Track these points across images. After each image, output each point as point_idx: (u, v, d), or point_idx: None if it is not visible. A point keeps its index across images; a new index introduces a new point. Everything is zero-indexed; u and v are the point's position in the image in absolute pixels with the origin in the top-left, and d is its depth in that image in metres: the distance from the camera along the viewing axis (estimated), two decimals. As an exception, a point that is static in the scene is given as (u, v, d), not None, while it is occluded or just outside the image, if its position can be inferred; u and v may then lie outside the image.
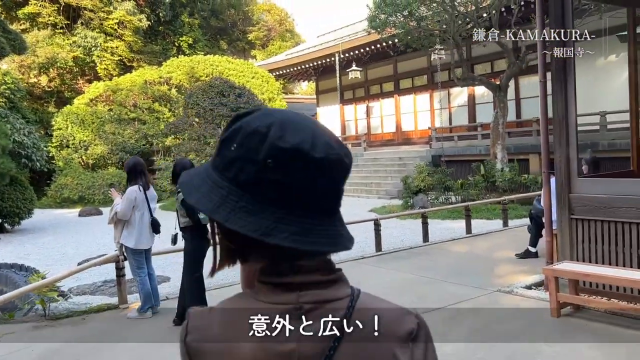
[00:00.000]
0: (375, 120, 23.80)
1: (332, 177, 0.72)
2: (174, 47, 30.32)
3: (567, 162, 5.40)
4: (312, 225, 0.70)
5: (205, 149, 15.75)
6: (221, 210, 0.70)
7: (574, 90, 5.31)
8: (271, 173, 0.69)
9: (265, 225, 0.68)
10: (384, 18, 13.27)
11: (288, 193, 0.70)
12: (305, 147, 0.69)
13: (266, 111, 0.75)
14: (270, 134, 0.69)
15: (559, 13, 5.17)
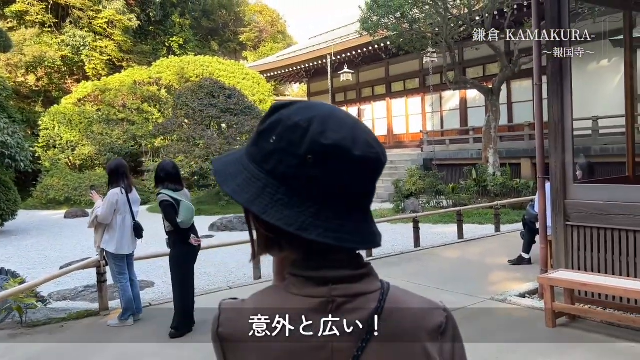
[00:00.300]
0: (367, 123, 23.54)
1: (369, 175, 0.73)
2: (164, 48, 30.01)
3: (563, 168, 5.26)
4: (347, 222, 0.71)
5: (194, 151, 15.50)
6: (258, 202, 0.70)
7: (570, 94, 5.19)
8: (311, 168, 0.69)
9: (302, 220, 0.69)
10: (376, 20, 13.13)
11: (326, 189, 0.70)
12: (347, 145, 0.69)
13: (307, 104, 0.74)
14: (312, 129, 0.69)
15: (555, 14, 5.04)
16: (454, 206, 13.49)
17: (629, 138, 6.19)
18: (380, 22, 13.20)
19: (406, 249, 8.89)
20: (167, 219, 5.01)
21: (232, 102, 16.14)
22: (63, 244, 12.04)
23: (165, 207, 4.96)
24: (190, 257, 5.31)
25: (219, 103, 16.00)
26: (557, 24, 5.01)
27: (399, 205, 13.63)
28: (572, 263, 5.19)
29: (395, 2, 11.97)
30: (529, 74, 16.70)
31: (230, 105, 16.05)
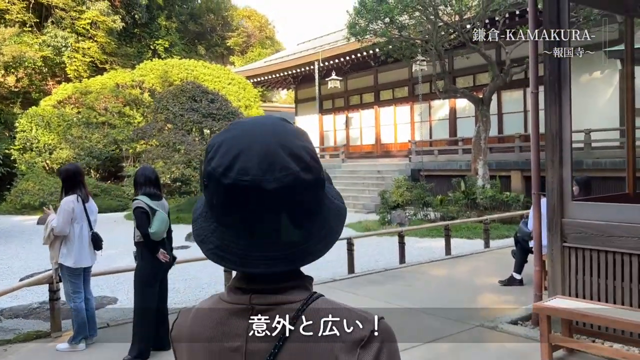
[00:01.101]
0: (355, 131, 23.26)
1: (244, 202, 0.72)
2: (149, 51, 29.38)
3: (560, 183, 4.82)
4: (230, 243, 0.75)
5: (174, 156, 14.93)
6: (195, 213, 0.82)
7: (569, 104, 4.75)
8: (205, 189, 0.77)
9: (204, 234, 0.77)
10: (364, 25, 12.72)
11: (214, 209, 0.76)
12: (218, 172, 0.73)
13: (231, 126, 0.78)
14: (209, 153, 0.75)
15: (554, 16, 4.61)
16: (442, 219, 13.07)
17: (629, 153, 5.77)
18: (369, 27, 12.79)
19: (390, 265, 8.41)
20: (138, 227, 4.54)
21: (215, 107, 15.60)
22: (30, 252, 11.38)
23: (138, 214, 4.51)
24: (158, 274, 4.79)
25: (201, 107, 15.45)
26: (556, 25, 4.58)
27: (384, 216, 13.16)
28: (569, 289, 4.73)
29: (384, 6, 11.56)
30: (520, 84, 16.44)
31: (213, 110, 15.51)
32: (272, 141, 0.74)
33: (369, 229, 12.55)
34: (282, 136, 0.75)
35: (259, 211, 0.72)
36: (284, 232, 0.74)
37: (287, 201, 0.72)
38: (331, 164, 21.05)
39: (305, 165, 0.74)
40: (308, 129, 25.15)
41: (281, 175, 0.71)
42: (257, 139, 0.74)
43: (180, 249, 11.08)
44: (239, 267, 0.75)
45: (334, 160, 21.52)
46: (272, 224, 0.73)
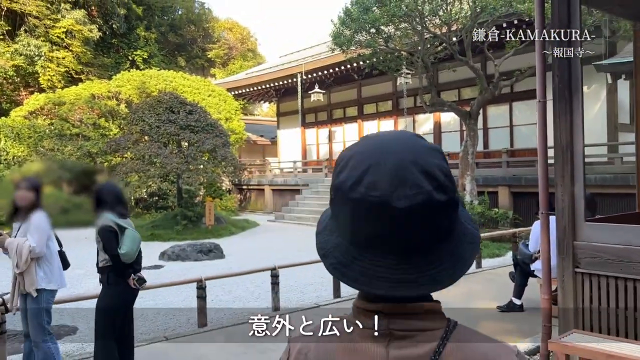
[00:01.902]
0: (338, 145, 22.79)
1: (372, 218, 0.70)
2: (127, 61, 28.62)
3: (572, 201, 4.32)
4: (353, 260, 0.72)
5: (149, 170, 14.22)
6: (320, 226, 0.80)
7: (581, 114, 4.27)
8: (332, 203, 0.76)
9: (327, 247, 0.76)
10: (349, 35, 12.29)
11: (339, 224, 0.74)
12: (346, 186, 0.71)
13: (362, 140, 0.77)
14: (339, 166, 0.74)
15: (564, 13, 4.16)
16: (429, 236, 12.57)
17: (639, 168, 5.33)
18: (354, 37, 12.36)
19: (378, 287, 7.85)
20: (107, 249, 3.94)
21: (193, 119, 14.98)
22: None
23: (106, 234, 3.95)
24: (126, 301, 4.17)
25: (179, 119, 14.82)
26: (567, 26, 4.13)
27: (370, 233, 12.62)
28: (582, 321, 4.21)
29: (370, 15, 11.15)
30: (505, 98, 16.17)
31: (191, 121, 14.88)
32: (405, 157, 0.71)
33: (354, 246, 12.03)
34: (415, 152, 0.72)
35: (387, 229, 0.70)
36: (411, 254, 0.71)
37: (417, 221, 0.69)
38: (314, 178, 20.52)
39: (438, 184, 0.70)
40: (291, 142, 24.66)
41: (412, 193, 0.68)
42: (388, 153, 0.72)
43: (152, 268, 10.37)
44: (361, 286, 0.72)
45: (317, 175, 20.99)
46: (399, 244, 0.70)
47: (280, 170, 23.99)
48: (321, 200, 18.55)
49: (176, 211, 16.23)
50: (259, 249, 12.30)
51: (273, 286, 6.29)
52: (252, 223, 17.45)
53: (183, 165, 14.30)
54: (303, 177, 21.39)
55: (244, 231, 15.92)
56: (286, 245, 12.85)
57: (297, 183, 20.97)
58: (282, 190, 22.01)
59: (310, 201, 18.85)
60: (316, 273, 8.72)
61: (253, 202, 23.81)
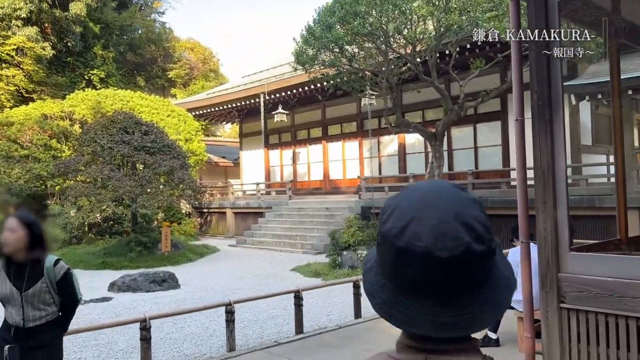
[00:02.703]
0: (302, 167, 22.34)
1: (416, 266, 0.75)
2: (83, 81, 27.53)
3: (555, 229, 3.92)
4: (398, 301, 0.78)
5: (100, 194, 13.37)
6: (366, 266, 0.86)
7: (562, 133, 3.91)
8: (378, 248, 0.82)
9: (374, 288, 0.81)
10: (312, 54, 11.93)
11: (385, 268, 0.80)
12: (392, 234, 0.77)
13: (404, 191, 0.83)
14: (384, 215, 0.80)
15: (541, 16, 3.83)
16: (396, 260, 12.18)
17: (619, 196, 5.02)
18: (317, 56, 12.00)
19: (345, 319, 7.32)
20: (74, 296, 3.26)
21: (149, 140, 14.24)
22: None
23: (73, 277, 3.23)
24: None
25: (133, 140, 14.05)
26: (544, 24, 3.80)
27: (335, 259, 12.11)
28: (570, 361, 3.80)
29: (333, 33, 10.81)
30: (469, 120, 16.10)
31: (147, 142, 14.14)
32: (446, 210, 0.77)
33: (319, 273, 11.47)
34: (456, 205, 0.77)
35: (429, 277, 0.75)
36: (450, 300, 0.76)
37: (457, 270, 0.74)
38: (278, 200, 19.94)
39: (476, 235, 0.75)
40: (254, 164, 24.05)
41: (452, 245, 0.74)
42: (431, 206, 0.77)
43: (99, 301, 9.55)
44: (405, 325, 0.78)
45: (280, 197, 20.42)
46: (440, 290, 0.76)
47: (243, 193, 23.31)
48: (285, 223, 17.96)
49: (130, 237, 15.34)
50: (218, 278, 11.59)
51: (228, 324, 5.67)
52: (212, 248, 16.67)
53: (137, 189, 13.50)
54: (266, 199, 20.77)
55: (202, 257, 15.14)
56: (247, 272, 12.19)
57: (260, 206, 20.34)
58: (245, 213, 21.32)
59: (274, 224, 18.23)
60: (278, 304, 8.13)
61: (214, 226, 22.98)
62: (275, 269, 12.60)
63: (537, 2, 4.00)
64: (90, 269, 13.65)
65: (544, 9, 3.97)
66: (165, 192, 14.36)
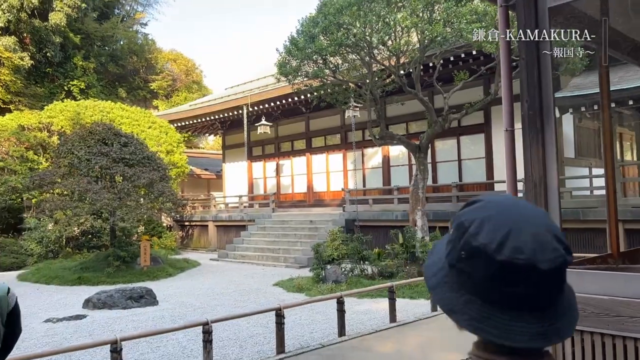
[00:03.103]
0: (286, 179, 22.10)
1: (516, 279, 0.75)
2: (62, 92, 27.00)
3: (547, 245, 3.76)
4: (490, 315, 0.77)
5: (77, 207, 12.95)
6: (434, 279, 0.83)
7: (554, 143, 3.76)
8: (463, 263, 0.79)
9: (454, 304, 0.79)
10: (295, 65, 11.77)
11: (476, 283, 0.78)
12: (490, 248, 0.75)
13: (483, 203, 0.83)
14: (470, 230, 0.78)
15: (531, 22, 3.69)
16: (380, 274, 11.97)
17: (611, 209, 4.88)
18: (300, 67, 11.85)
19: (328, 337, 7.05)
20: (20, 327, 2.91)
21: (128, 151, 13.88)
22: None
23: None
24: None
25: (112, 152, 13.69)
26: (534, 24, 3.66)
27: (319, 273, 11.83)
28: (566, 385, 3.60)
29: (316, 43, 10.67)
30: (453, 132, 16.07)
31: (126, 154, 13.78)
32: (538, 222, 0.79)
33: (302, 288, 11.19)
34: (543, 217, 0.81)
35: (528, 289, 0.76)
36: (544, 310, 0.78)
37: (554, 281, 0.77)
38: (261, 213, 19.64)
39: (565, 246, 0.78)
40: (237, 176, 23.74)
41: (553, 257, 0.76)
42: (523, 219, 0.79)
43: (72, 319, 9.14)
44: (499, 339, 0.77)
45: (263, 210, 20.12)
46: (537, 301, 0.77)
47: (226, 205, 22.95)
48: (268, 236, 17.66)
49: (109, 251, 14.90)
50: (198, 293, 11.24)
51: (205, 344, 5.38)
52: (193, 263, 16.28)
53: (115, 202, 13.11)
54: (249, 212, 20.46)
55: (182, 272, 14.75)
56: (228, 287, 11.86)
57: (243, 218, 20.02)
58: (227, 226, 20.96)
59: (256, 238, 17.92)
60: (259, 321, 7.85)
61: (196, 239, 22.55)
62: (257, 283, 12.29)
63: (527, 10, 3.87)
64: (65, 285, 13.19)
65: (534, 15, 3.84)
66: (145, 205, 13.99)
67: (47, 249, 17.79)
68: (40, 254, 17.65)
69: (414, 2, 9.53)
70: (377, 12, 10.02)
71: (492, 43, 8.88)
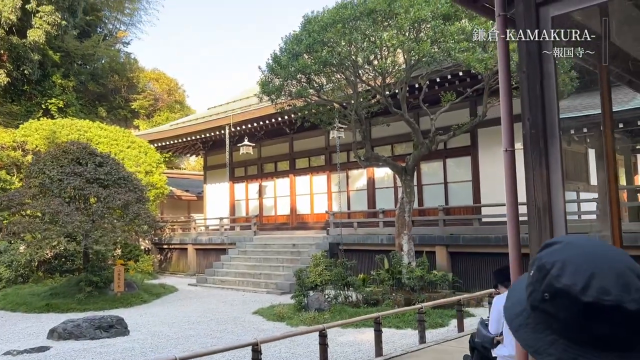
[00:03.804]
0: (269, 201, 21.60)
1: (602, 320, 0.76)
2: (40, 110, 26.30)
3: (553, 279, 3.36)
4: (577, 355, 0.77)
5: (48, 229, 12.30)
6: (517, 321, 0.84)
7: (560, 164, 3.40)
8: (547, 304, 0.80)
9: (539, 345, 0.81)
10: (278, 83, 11.42)
11: (560, 324, 0.79)
12: (575, 290, 0.77)
13: (563, 245, 0.84)
14: (552, 272, 0.80)
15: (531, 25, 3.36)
16: (365, 301, 11.48)
17: (614, 231, 4.53)
18: (283, 86, 11.50)
19: (310, 373, 6.54)
20: None
21: (103, 172, 13.31)
22: None
23: None
24: None
25: (86, 172, 13.11)
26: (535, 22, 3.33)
27: (301, 300, 11.29)
28: None
29: (300, 61, 10.34)
30: (439, 154, 15.78)
31: (100, 174, 13.21)
32: (619, 262, 0.80)
33: (283, 316, 10.64)
34: (623, 257, 0.81)
35: (614, 330, 0.76)
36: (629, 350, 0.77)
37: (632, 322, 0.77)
38: (242, 236, 19.07)
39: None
40: (218, 197, 23.16)
41: (638, 297, 0.76)
42: (604, 259, 0.80)
43: (34, 351, 8.48)
44: None
45: (245, 233, 19.56)
46: (624, 341, 0.77)
47: (206, 228, 22.32)
48: (249, 261, 17.07)
49: (82, 276, 14.18)
50: (172, 322, 10.62)
51: (172, 386, 4.84)
52: (170, 288, 15.60)
53: (87, 224, 12.48)
54: (230, 235, 19.86)
55: (158, 298, 14.07)
56: (205, 316, 11.25)
57: (224, 241, 19.40)
58: (207, 249, 20.31)
59: (237, 262, 17.31)
60: (234, 355, 7.30)
61: (175, 263, 21.82)
62: (236, 311, 11.70)
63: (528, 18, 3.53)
64: (32, 312, 12.45)
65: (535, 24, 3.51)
66: (118, 228, 13.37)
67: (16, 273, 16.96)
68: (9, 278, 16.80)
69: (400, 20, 9.27)
70: (363, 30, 9.75)
71: (482, 62, 8.64)
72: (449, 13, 9.48)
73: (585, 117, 9.29)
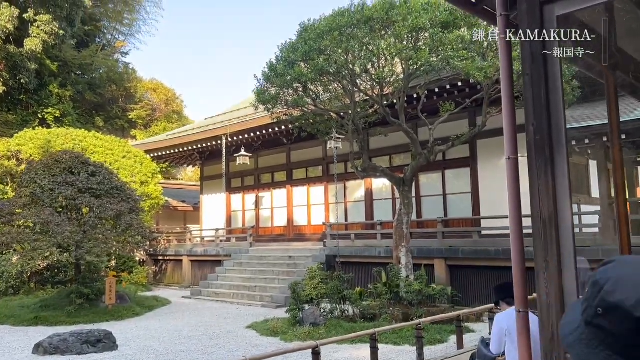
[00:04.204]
0: (266, 212, 21.33)
1: None
2: (36, 119, 26.12)
3: (560, 297, 3.09)
4: None
5: (38, 240, 12.03)
6: (570, 337, 0.87)
7: (567, 175, 3.17)
8: (600, 319, 0.83)
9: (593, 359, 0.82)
10: (274, 92, 11.23)
11: (612, 339, 0.81)
12: (627, 305, 0.79)
13: (617, 263, 0.87)
14: (605, 287, 0.83)
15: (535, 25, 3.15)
16: (362, 316, 11.19)
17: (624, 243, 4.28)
18: (279, 95, 11.31)
19: (302, 393, 6.25)
20: None
21: (96, 181, 13.07)
22: None
23: None
24: None
25: (78, 181, 12.87)
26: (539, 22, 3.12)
27: (295, 314, 11.00)
28: None
29: (296, 70, 10.15)
30: (438, 166, 15.56)
31: (93, 184, 12.96)
32: None
33: (277, 331, 10.33)
34: None
35: None
36: None
37: None
38: (238, 248, 18.77)
39: None
40: (215, 208, 22.89)
41: None
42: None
43: (18, 368, 8.17)
44: None
45: (241, 244, 19.26)
46: None
47: (202, 239, 22.03)
48: (244, 273, 16.77)
49: (73, 288, 13.87)
50: (163, 337, 10.31)
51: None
52: (163, 301, 15.28)
53: (78, 235, 12.21)
54: (226, 246, 19.56)
55: (150, 311, 13.75)
56: (197, 330, 10.94)
57: (219, 253, 19.11)
58: (202, 261, 20.01)
59: (232, 274, 17.01)
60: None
61: (169, 274, 21.49)
62: (229, 325, 11.39)
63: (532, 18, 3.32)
64: (20, 325, 12.14)
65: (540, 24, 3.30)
66: (110, 238, 13.09)
67: (7, 285, 16.66)
68: (0, 290, 16.50)
69: (398, 28, 9.10)
70: (360, 39, 9.57)
71: (481, 71, 8.45)
72: (448, 21, 9.31)
73: (587, 127, 9.08)
